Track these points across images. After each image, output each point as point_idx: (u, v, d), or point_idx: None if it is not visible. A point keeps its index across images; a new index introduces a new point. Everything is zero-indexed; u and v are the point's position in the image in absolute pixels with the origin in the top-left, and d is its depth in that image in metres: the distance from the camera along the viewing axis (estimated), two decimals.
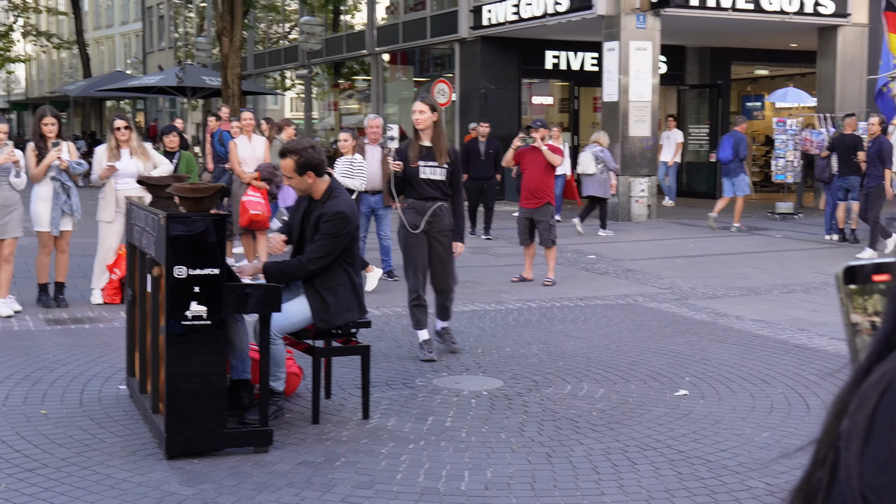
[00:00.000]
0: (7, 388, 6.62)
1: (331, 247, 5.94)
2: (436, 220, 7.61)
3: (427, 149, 7.62)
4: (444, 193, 7.64)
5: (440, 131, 7.66)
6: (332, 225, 5.93)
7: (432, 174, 7.59)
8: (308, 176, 6.01)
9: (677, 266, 13.15)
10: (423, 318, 7.80)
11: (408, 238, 7.69)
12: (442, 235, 7.67)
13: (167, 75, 29.83)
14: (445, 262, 7.73)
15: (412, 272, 7.75)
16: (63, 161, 9.33)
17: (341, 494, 4.82)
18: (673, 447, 5.62)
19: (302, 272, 5.95)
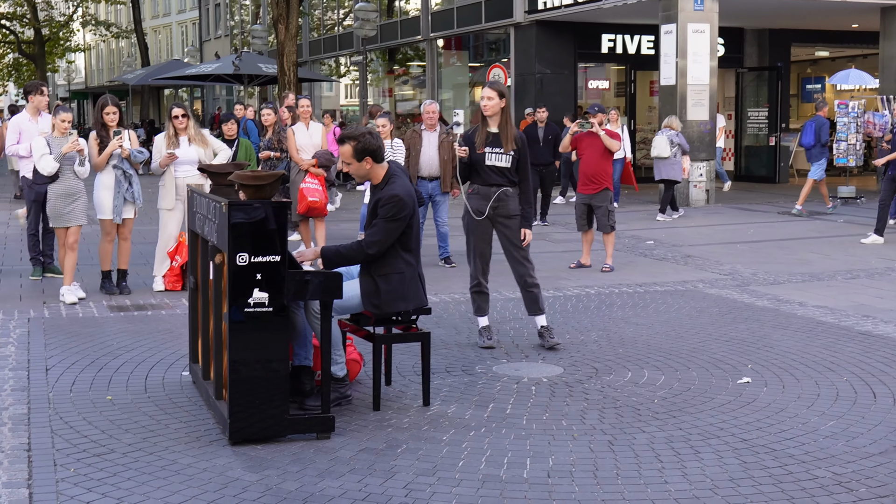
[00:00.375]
0: (73, 374, 6.73)
1: (388, 230, 5.94)
2: (500, 205, 7.52)
3: (494, 135, 7.53)
4: (509, 180, 7.54)
5: (508, 118, 7.55)
6: (388, 209, 5.94)
7: (498, 161, 7.50)
8: (366, 161, 6.03)
9: (737, 251, 13.00)
10: (484, 304, 7.75)
11: (471, 224, 7.63)
12: (508, 220, 7.56)
13: (224, 63, 30.05)
14: (516, 248, 7.62)
15: (473, 258, 7.70)
16: (124, 149, 9.44)
17: (403, 481, 4.83)
18: (737, 435, 5.55)
19: (360, 256, 5.96)
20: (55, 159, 9.10)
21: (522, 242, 7.62)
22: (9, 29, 52.23)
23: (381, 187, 6.07)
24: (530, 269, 7.67)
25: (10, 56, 56.05)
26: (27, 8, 49.85)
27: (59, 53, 56.11)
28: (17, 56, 55.22)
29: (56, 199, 9.23)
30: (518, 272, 7.67)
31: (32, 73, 54.52)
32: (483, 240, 7.65)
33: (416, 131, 11.69)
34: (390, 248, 5.99)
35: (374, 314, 6.02)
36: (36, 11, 50.05)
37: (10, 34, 52.49)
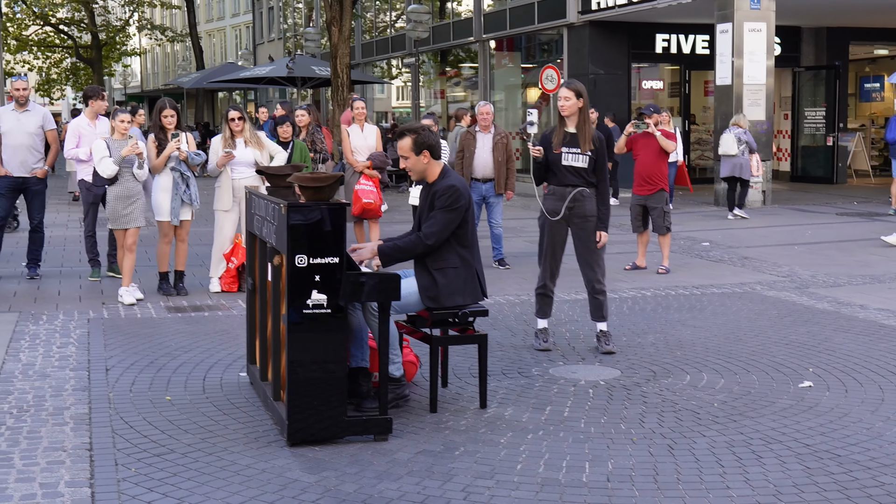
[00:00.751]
0: (133, 374, 6.79)
1: (446, 220, 5.94)
2: (576, 205, 7.41)
3: (571, 135, 7.43)
4: (586, 181, 7.42)
5: (585, 117, 7.44)
6: (445, 199, 5.95)
7: (575, 161, 7.39)
8: (424, 155, 6.04)
9: (795, 253, 12.82)
10: (546, 308, 7.67)
11: (546, 225, 7.53)
12: (584, 221, 7.45)
13: (277, 66, 30.25)
14: (590, 251, 7.51)
15: (543, 260, 7.61)
16: (182, 152, 9.52)
17: (462, 484, 4.81)
18: (799, 440, 5.46)
19: (419, 248, 5.96)
20: (115, 162, 9.21)
21: (597, 244, 7.51)
22: (67, 34, 53.05)
23: (436, 183, 6.08)
24: (600, 274, 7.57)
25: (68, 61, 56.91)
26: (85, 13, 50.62)
27: (115, 58, 56.90)
28: (74, 61, 56.06)
29: (115, 202, 9.33)
30: (587, 276, 7.59)
31: (89, 77, 55.33)
32: (556, 241, 7.55)
33: (470, 132, 11.68)
34: (446, 243, 5.98)
35: (430, 308, 6.00)
36: (93, 16, 50.80)
37: (69, 39, 53.31)
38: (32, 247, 10.84)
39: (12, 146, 10.49)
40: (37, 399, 6.21)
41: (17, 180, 10.55)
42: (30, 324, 8.42)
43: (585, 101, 7.44)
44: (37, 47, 53.35)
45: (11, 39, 49.51)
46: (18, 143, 10.50)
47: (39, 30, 53.09)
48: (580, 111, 7.42)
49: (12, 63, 52.15)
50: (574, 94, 7.38)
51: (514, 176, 11.82)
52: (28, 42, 52.02)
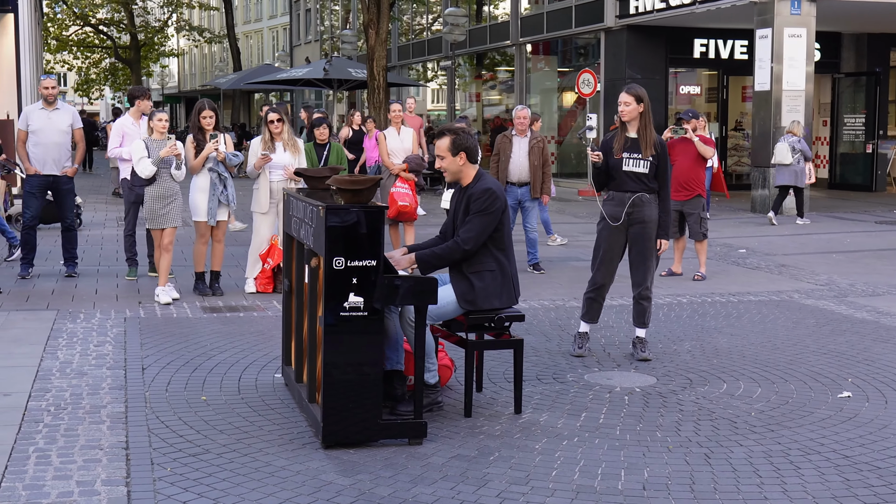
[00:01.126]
0: (169, 374, 6.83)
1: (483, 224, 5.93)
2: (635, 210, 7.33)
3: (632, 140, 7.34)
4: (647, 187, 7.33)
5: (647, 122, 7.33)
6: (481, 202, 5.93)
7: (636, 166, 7.30)
8: (460, 157, 6.03)
9: (833, 261, 12.69)
10: (593, 312, 7.55)
11: (605, 230, 7.44)
12: (642, 227, 7.34)
13: (314, 68, 30.36)
14: (643, 256, 7.43)
15: (597, 265, 7.51)
16: (220, 153, 9.57)
17: (496, 490, 4.79)
18: (838, 452, 5.39)
19: (457, 253, 5.94)
20: (153, 163, 9.27)
21: (658, 251, 7.43)
22: (106, 34, 53.57)
23: (471, 186, 6.07)
24: (649, 280, 7.51)
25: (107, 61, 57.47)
26: (124, 14, 51.09)
27: (153, 58, 57.39)
28: (113, 61, 56.60)
29: (152, 201, 9.39)
30: (636, 281, 7.52)
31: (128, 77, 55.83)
32: (614, 247, 7.45)
33: (506, 136, 11.65)
34: (482, 247, 5.96)
35: (468, 311, 5.99)
36: (132, 17, 51.27)
37: (108, 39, 53.82)
38: (67, 245, 10.92)
39: (44, 144, 10.55)
40: (74, 397, 6.25)
41: (47, 179, 10.63)
42: (67, 322, 8.49)
43: (646, 105, 7.34)
44: (77, 47, 53.95)
45: (52, 39, 50.06)
46: (50, 142, 10.56)
47: (79, 30, 53.67)
48: (641, 116, 7.32)
49: (52, 63, 52.75)
50: (634, 99, 7.29)
51: (551, 180, 11.77)
52: (68, 42, 52.60)
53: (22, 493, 4.64)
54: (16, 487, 4.71)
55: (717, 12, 20.78)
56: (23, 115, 10.81)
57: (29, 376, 6.71)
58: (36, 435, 5.49)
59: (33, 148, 10.56)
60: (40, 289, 10.11)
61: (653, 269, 7.54)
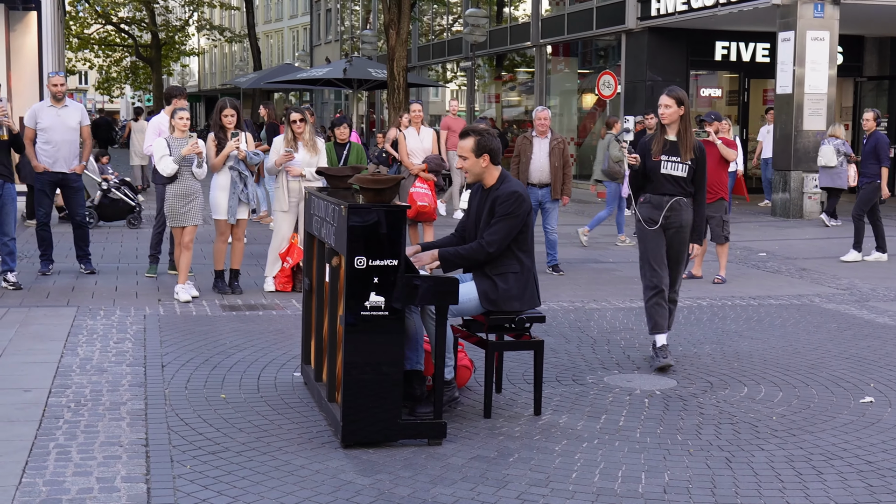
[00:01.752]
0: (188, 371, 6.83)
1: (508, 227, 5.90)
2: (673, 214, 7.22)
3: (671, 143, 7.24)
4: (684, 190, 7.21)
5: (687, 126, 7.23)
6: (507, 205, 5.90)
7: (674, 170, 7.20)
8: (483, 159, 6.00)
9: (854, 266, 12.61)
10: (661, 320, 7.28)
11: (644, 234, 7.34)
12: (678, 231, 7.26)
13: (334, 68, 30.40)
14: (677, 261, 7.35)
15: (649, 268, 7.34)
16: (241, 151, 9.58)
17: (516, 491, 4.76)
18: (861, 457, 5.35)
19: (481, 255, 5.92)
20: (175, 161, 9.29)
21: (690, 255, 7.38)
22: (128, 33, 53.81)
23: (495, 188, 6.03)
24: (678, 285, 7.48)
25: (128, 59, 57.72)
26: (146, 13, 51.30)
27: (174, 57, 57.61)
28: (134, 59, 56.85)
29: (173, 199, 9.41)
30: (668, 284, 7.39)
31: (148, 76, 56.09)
32: (659, 248, 7.30)
33: (526, 137, 11.62)
34: (507, 248, 5.94)
35: (489, 314, 5.97)
36: (154, 16, 51.48)
37: (129, 38, 54.06)
38: (80, 242, 10.95)
39: (54, 142, 10.57)
40: (94, 393, 6.27)
41: (56, 176, 10.65)
42: (87, 319, 8.52)
43: (687, 108, 7.23)
44: (98, 46, 54.20)
45: (74, 37, 50.32)
46: (60, 139, 10.59)
47: (101, 28, 53.92)
48: (681, 119, 7.22)
49: (74, 61, 53.02)
50: (675, 102, 7.19)
51: (571, 181, 11.74)
52: (90, 40, 52.86)
53: (42, 489, 4.64)
54: (36, 483, 4.72)
55: (739, 15, 20.68)
56: (30, 112, 10.81)
57: (49, 372, 6.73)
58: (56, 431, 5.50)
59: (43, 146, 10.58)
60: (60, 285, 10.15)
61: (680, 273, 7.51)
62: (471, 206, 6.24)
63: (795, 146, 18.83)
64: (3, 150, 9.81)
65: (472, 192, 6.31)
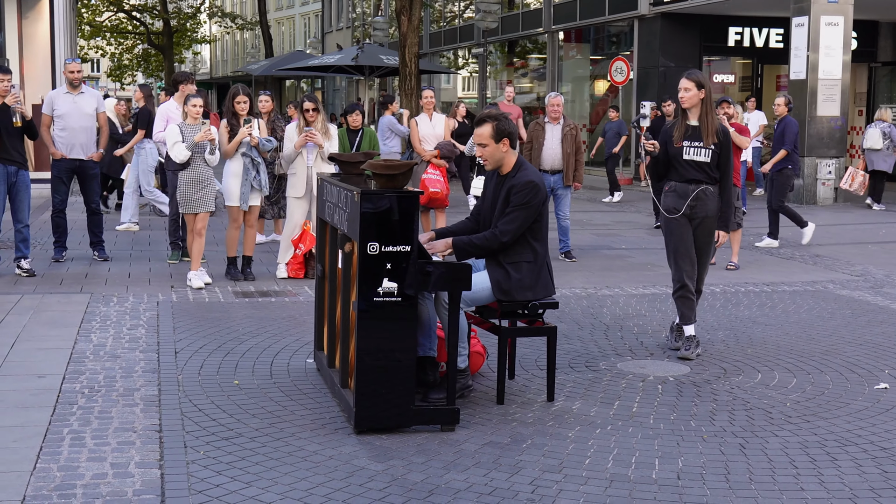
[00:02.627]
0: (201, 358, 6.84)
1: (523, 217, 5.88)
2: (698, 203, 7.06)
3: (693, 128, 7.08)
4: (709, 176, 7.06)
5: (708, 109, 7.03)
6: (523, 195, 5.87)
7: (697, 155, 7.04)
8: (503, 143, 5.96)
9: (869, 252, 12.56)
10: (688, 311, 7.23)
11: (669, 224, 7.22)
12: (704, 221, 7.10)
13: (346, 55, 30.36)
14: (703, 251, 7.22)
15: (674, 260, 7.25)
16: (253, 137, 9.57)
17: (529, 477, 4.76)
18: (876, 443, 5.33)
19: (495, 244, 5.90)
20: (187, 147, 9.29)
21: (716, 243, 7.21)
22: (139, 20, 53.83)
23: (511, 175, 6.00)
24: (704, 275, 7.35)
25: (140, 47, 57.76)
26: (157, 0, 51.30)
27: (185, 44, 57.59)
28: (146, 47, 56.88)
29: (186, 186, 9.42)
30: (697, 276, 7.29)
31: (160, 63, 56.09)
32: (686, 238, 7.17)
33: (539, 123, 11.59)
34: (521, 237, 5.92)
35: (502, 302, 5.95)
36: (165, 4, 51.47)
37: (141, 25, 54.09)
38: (94, 228, 10.97)
39: (71, 129, 10.59)
40: (107, 380, 6.28)
41: (73, 163, 10.67)
42: (101, 305, 8.54)
43: (707, 91, 7.06)
44: (110, 33, 54.24)
45: (86, 25, 50.36)
46: (77, 126, 10.61)
47: (113, 16, 53.93)
48: (702, 102, 7.06)
49: (86, 48, 53.08)
50: (695, 85, 7.04)
51: (583, 168, 11.71)
52: (101, 28, 52.89)
53: (57, 475, 4.66)
54: (51, 468, 4.73)
55: (753, 0, 20.57)
56: (47, 99, 10.83)
57: (63, 359, 6.75)
58: (70, 417, 5.52)
59: (60, 132, 10.61)
60: (74, 272, 10.18)
61: (708, 263, 7.38)
62: (486, 191, 6.21)
63: (809, 132, 18.73)
64: (17, 137, 9.82)
65: (486, 178, 6.28)
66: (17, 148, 9.82)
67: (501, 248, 5.92)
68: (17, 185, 9.83)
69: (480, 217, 6.20)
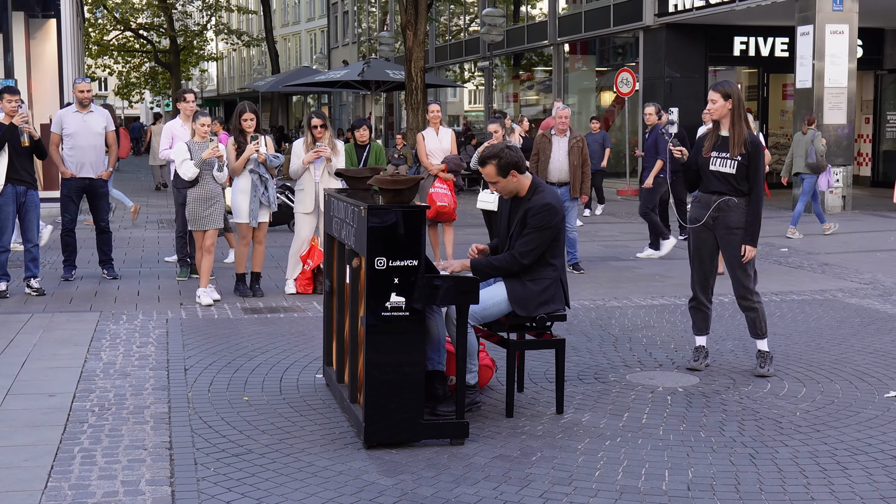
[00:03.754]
0: (211, 375, 6.86)
1: (541, 239, 5.91)
2: (721, 215, 6.91)
3: (723, 139, 6.93)
4: (734, 189, 6.86)
5: (737, 119, 6.85)
6: (540, 218, 5.90)
7: (722, 166, 6.88)
8: (512, 175, 5.99)
9: (878, 260, 12.53)
10: (702, 323, 7.19)
11: (691, 233, 7.14)
12: (728, 233, 6.91)
13: (352, 70, 30.46)
14: (732, 265, 7.04)
15: (692, 272, 7.23)
16: (261, 154, 9.61)
17: (539, 490, 4.76)
18: (886, 452, 5.32)
19: (514, 266, 5.92)
20: (196, 165, 9.33)
21: (742, 258, 6.98)
22: (146, 39, 54.08)
23: (528, 198, 6.01)
24: (744, 289, 7.01)
25: (147, 65, 58.02)
26: (164, 18, 51.55)
27: (192, 62, 57.83)
28: (153, 65, 57.13)
29: (195, 203, 9.45)
30: (735, 290, 7.12)
31: (167, 81, 56.34)
32: (702, 251, 7.08)
33: (545, 136, 11.61)
34: (539, 256, 5.94)
35: (522, 316, 5.95)
36: (172, 21, 51.72)
37: (148, 44, 54.34)
38: (103, 247, 11.01)
39: (81, 147, 10.65)
40: (118, 397, 6.30)
41: (83, 182, 10.71)
42: (110, 323, 8.56)
43: (736, 101, 6.92)
44: (117, 52, 54.49)
45: (93, 44, 50.61)
46: (87, 145, 10.67)
47: (120, 35, 54.19)
48: (731, 113, 6.93)
49: (94, 67, 53.33)
50: (721, 96, 6.93)
51: (589, 180, 11.71)
52: (109, 47, 53.14)
53: (68, 493, 4.68)
54: (62, 487, 4.75)
55: (758, 9, 20.61)
56: (56, 118, 10.90)
57: (73, 377, 6.77)
58: (81, 435, 5.54)
59: (69, 151, 10.67)
60: (83, 290, 10.21)
61: (744, 277, 7.01)
62: (502, 212, 6.23)
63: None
64: (26, 157, 9.87)
65: (502, 198, 6.28)
66: (25, 168, 9.87)
67: (521, 270, 5.94)
68: (26, 205, 9.87)
69: (498, 235, 6.23)
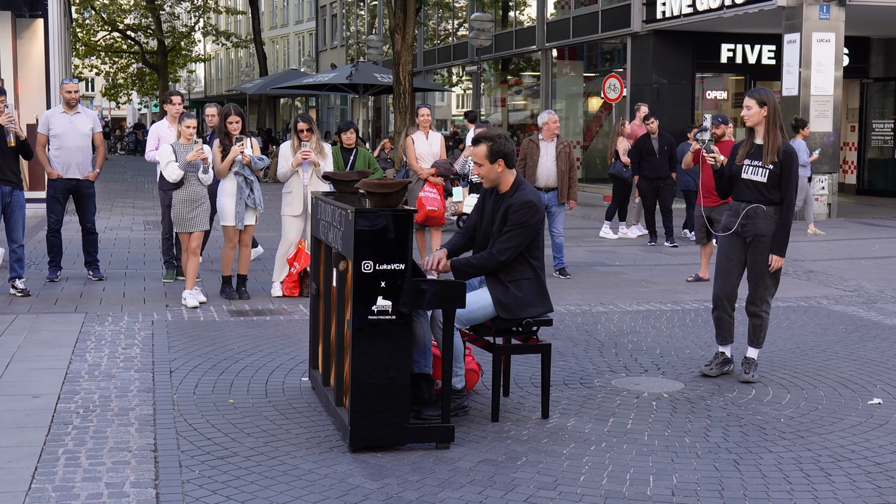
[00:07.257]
0: (196, 377, 6.85)
1: (521, 237, 5.90)
2: (749, 222, 6.88)
3: (756, 147, 6.89)
4: (765, 197, 6.83)
5: (772, 127, 6.81)
6: (521, 214, 5.90)
7: (754, 174, 6.84)
8: (498, 164, 5.98)
9: (862, 267, 12.59)
10: (723, 331, 7.19)
11: (721, 240, 7.12)
12: (756, 241, 6.88)
13: (340, 73, 30.45)
14: (754, 272, 7.02)
15: (716, 280, 7.21)
16: (245, 156, 9.60)
17: (524, 494, 4.77)
18: (870, 459, 5.35)
19: (492, 264, 5.92)
20: (180, 167, 9.31)
21: (769, 267, 6.95)
22: (134, 40, 53.97)
23: (510, 194, 6.01)
24: (758, 298, 7.04)
25: (135, 66, 57.88)
26: (152, 19, 51.45)
27: (180, 63, 57.73)
28: (140, 66, 57.00)
29: (180, 205, 9.43)
30: (749, 295, 7.13)
31: (155, 82, 56.22)
32: (731, 258, 7.04)
33: (533, 141, 11.63)
34: (519, 255, 5.94)
35: (504, 319, 5.96)
36: (160, 23, 51.63)
37: (135, 45, 54.22)
38: (89, 248, 10.98)
39: (67, 148, 10.62)
40: (102, 399, 6.28)
41: (69, 183, 10.68)
42: (95, 325, 8.54)
43: (771, 109, 6.84)
44: (105, 52, 54.36)
45: (81, 45, 50.48)
46: (73, 146, 10.64)
47: (107, 35, 54.08)
48: (766, 120, 6.89)
49: (81, 67, 53.18)
50: (756, 103, 6.88)
51: (577, 185, 11.74)
52: (96, 47, 53.02)
53: (52, 495, 4.66)
54: (45, 489, 4.73)
55: (745, 17, 20.70)
56: (43, 118, 10.86)
57: (58, 379, 6.75)
58: (65, 437, 5.52)
59: (56, 152, 10.63)
60: (68, 292, 10.18)
61: (764, 286, 7.03)
62: (485, 209, 6.21)
63: None
64: (11, 157, 9.84)
65: (485, 195, 6.27)
66: (11, 168, 9.84)
67: (499, 268, 5.93)
68: (11, 205, 9.84)
69: (477, 233, 6.21)
